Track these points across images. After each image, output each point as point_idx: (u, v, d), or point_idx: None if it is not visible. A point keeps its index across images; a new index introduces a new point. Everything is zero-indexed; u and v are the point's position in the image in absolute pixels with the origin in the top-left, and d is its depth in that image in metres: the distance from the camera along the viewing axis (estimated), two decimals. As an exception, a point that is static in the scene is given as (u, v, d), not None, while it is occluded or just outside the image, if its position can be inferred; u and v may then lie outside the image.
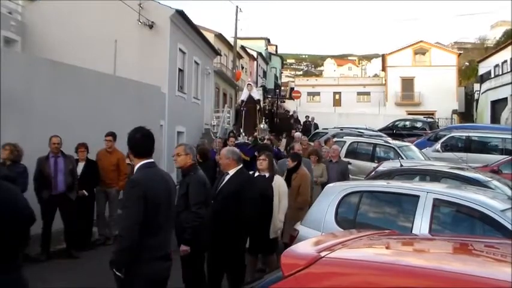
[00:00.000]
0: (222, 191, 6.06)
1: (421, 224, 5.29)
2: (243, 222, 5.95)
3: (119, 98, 13.61)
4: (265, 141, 14.91)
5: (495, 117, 31.85)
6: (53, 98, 11.09)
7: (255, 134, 16.26)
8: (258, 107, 18.10)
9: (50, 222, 8.93)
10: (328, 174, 11.02)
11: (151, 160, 4.39)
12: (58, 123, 10.78)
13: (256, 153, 9.87)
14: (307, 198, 8.57)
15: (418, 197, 5.54)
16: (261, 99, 20.78)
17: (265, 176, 7.22)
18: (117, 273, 4.12)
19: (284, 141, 17.38)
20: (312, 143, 15.83)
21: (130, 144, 4.38)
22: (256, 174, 7.30)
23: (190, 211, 5.49)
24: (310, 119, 29.69)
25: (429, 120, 32.36)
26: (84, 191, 9.65)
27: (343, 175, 11.16)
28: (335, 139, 16.80)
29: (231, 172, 6.17)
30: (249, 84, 19.82)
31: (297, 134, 17.17)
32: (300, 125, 25.85)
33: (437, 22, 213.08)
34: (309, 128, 27.08)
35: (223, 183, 6.14)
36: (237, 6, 36.43)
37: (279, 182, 7.21)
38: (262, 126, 14.62)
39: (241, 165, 6.31)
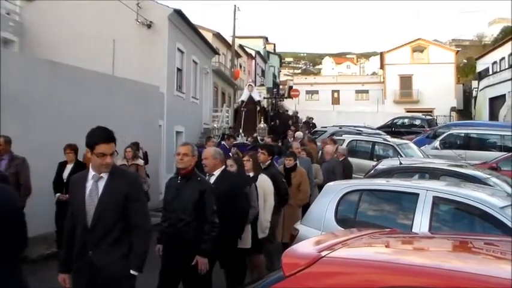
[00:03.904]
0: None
1: (421, 222, 5.29)
2: (239, 219, 5.89)
3: (118, 98, 13.59)
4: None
5: (493, 114, 31.92)
6: (51, 98, 11.07)
7: (255, 134, 16.27)
8: (258, 108, 18.11)
9: None
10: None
11: None
12: (56, 123, 10.79)
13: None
14: (307, 194, 8.71)
15: (417, 195, 5.54)
16: (262, 99, 20.74)
17: (249, 175, 7.10)
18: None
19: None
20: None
21: None
22: None
23: (208, 221, 5.17)
24: (308, 119, 29.61)
25: (428, 117, 32.47)
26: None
27: (334, 173, 10.57)
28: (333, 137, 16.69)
29: (217, 173, 5.98)
30: (249, 84, 19.83)
31: (298, 134, 17.10)
32: (293, 127, 25.41)
33: (435, 19, 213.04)
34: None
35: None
36: (235, 5, 36.39)
37: (263, 182, 7.04)
38: (262, 125, 14.63)
39: (224, 165, 6.23)
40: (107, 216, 4.00)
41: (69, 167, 9.29)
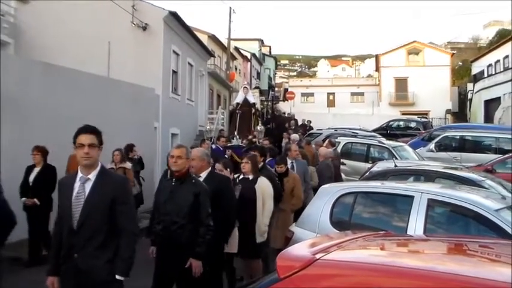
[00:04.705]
0: None
1: (416, 224, 5.30)
2: (226, 221, 5.89)
3: (113, 100, 13.57)
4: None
5: (488, 117, 32.01)
6: (46, 100, 11.04)
7: (250, 136, 16.29)
8: (253, 110, 18.15)
9: None
10: None
11: None
12: (52, 125, 10.75)
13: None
14: (301, 199, 8.65)
15: (412, 197, 5.55)
16: (257, 102, 20.81)
17: (248, 178, 7.09)
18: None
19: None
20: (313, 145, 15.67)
21: None
22: (241, 176, 7.20)
23: (203, 224, 5.13)
24: (306, 122, 29.62)
25: (423, 120, 32.47)
26: (35, 199, 8.70)
27: (321, 176, 10.60)
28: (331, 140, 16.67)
29: (204, 175, 5.93)
30: (245, 87, 19.88)
31: (294, 136, 17.09)
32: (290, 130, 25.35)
33: (430, 22, 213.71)
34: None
35: None
36: (230, 7, 36.41)
37: (263, 185, 7.00)
38: (259, 128, 14.69)
39: (210, 167, 6.24)
40: (93, 218, 3.96)
41: (36, 170, 8.93)
